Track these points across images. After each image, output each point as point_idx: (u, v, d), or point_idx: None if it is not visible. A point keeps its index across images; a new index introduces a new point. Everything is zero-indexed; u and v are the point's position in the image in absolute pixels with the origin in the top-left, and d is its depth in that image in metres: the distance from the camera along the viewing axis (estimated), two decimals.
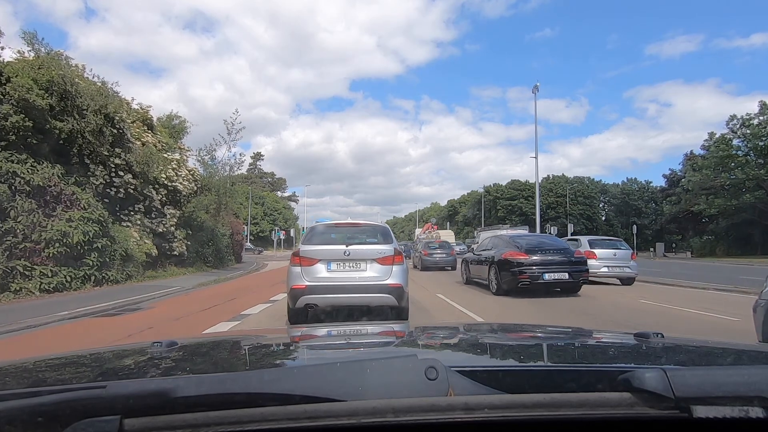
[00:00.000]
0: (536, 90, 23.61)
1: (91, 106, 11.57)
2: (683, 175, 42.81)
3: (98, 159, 12.34)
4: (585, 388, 0.68)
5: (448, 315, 6.85)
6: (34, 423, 0.59)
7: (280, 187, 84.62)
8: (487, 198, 68.82)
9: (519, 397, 0.65)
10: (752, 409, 0.62)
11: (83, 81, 12.07)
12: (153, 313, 7.40)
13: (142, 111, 15.86)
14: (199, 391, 0.62)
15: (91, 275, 10.13)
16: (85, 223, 9.98)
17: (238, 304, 8.66)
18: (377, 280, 5.28)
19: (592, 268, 11.29)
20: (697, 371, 0.78)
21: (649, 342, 1.13)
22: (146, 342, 1.14)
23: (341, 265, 5.35)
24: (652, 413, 0.63)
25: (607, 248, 11.62)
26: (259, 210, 67.90)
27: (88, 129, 11.62)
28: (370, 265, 5.34)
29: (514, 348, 1.32)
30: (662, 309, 7.79)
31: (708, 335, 4.40)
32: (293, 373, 0.81)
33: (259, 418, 0.60)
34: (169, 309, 7.91)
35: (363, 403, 0.60)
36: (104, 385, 0.65)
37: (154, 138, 15.58)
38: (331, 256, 5.36)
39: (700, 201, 32.19)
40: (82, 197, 10.39)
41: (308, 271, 5.29)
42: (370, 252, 5.42)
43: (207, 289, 11.56)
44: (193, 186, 16.22)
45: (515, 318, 6.54)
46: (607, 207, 71.05)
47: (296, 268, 5.36)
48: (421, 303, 7.98)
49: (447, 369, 0.64)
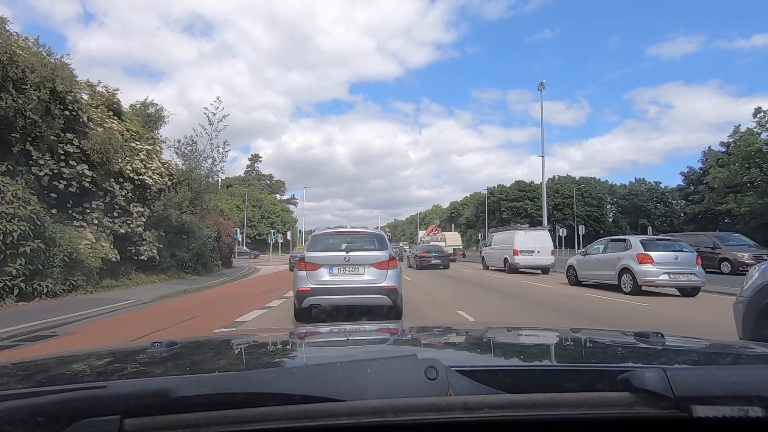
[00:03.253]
0: (542, 87, 22.98)
1: (31, 79, 9.46)
2: (704, 173, 40.51)
3: (44, 145, 10.23)
4: (585, 388, 0.67)
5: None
6: (35, 423, 0.59)
7: (278, 190, 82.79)
8: (490, 199, 66.85)
9: (519, 396, 0.65)
10: (752, 409, 0.62)
11: (25, 51, 9.97)
12: (63, 344, 5.23)
13: (107, 94, 13.76)
14: (199, 391, 0.63)
15: (15, 286, 7.96)
16: (8, 220, 7.83)
17: (195, 326, 6.53)
18: (374, 283, 5.74)
19: (647, 276, 9.17)
20: (697, 371, 0.84)
21: (648, 341, 1.12)
22: (146, 342, 1.14)
23: (342, 270, 5.80)
24: (651, 413, 0.63)
25: (666, 250, 9.40)
26: (256, 213, 65.89)
27: (29, 107, 9.51)
28: (368, 270, 5.79)
29: (513, 348, 1.34)
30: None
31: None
32: (293, 373, 0.82)
33: (259, 418, 0.60)
34: (93, 336, 5.75)
35: (363, 402, 0.60)
36: (104, 385, 0.68)
37: (121, 125, 13.45)
38: (333, 261, 5.80)
39: (728, 199, 29.96)
40: (9, 189, 8.24)
41: (312, 275, 5.75)
42: (367, 258, 5.84)
43: (168, 303, 9.39)
44: (166, 180, 14.03)
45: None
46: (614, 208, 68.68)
47: (302, 272, 5.83)
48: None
49: (447, 369, 0.65)
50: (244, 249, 47.63)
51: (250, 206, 66.10)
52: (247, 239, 57.36)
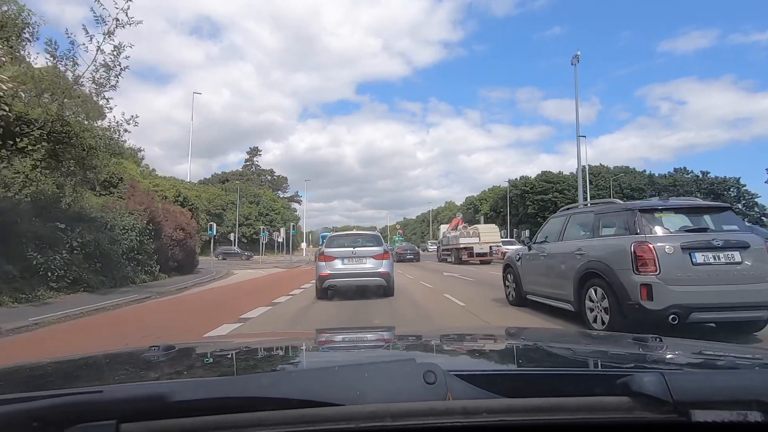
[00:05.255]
0: (576, 60, 21.54)
1: None
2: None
3: None
4: (583, 393, 0.67)
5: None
6: (30, 427, 0.59)
7: (280, 186, 77.27)
8: (512, 193, 59.87)
9: (517, 401, 0.65)
10: (751, 413, 0.62)
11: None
12: None
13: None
14: (195, 396, 0.63)
15: None
16: None
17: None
18: (373, 269, 8.12)
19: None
20: (695, 375, 0.83)
21: (647, 346, 1.12)
22: (143, 346, 1.12)
23: (350, 260, 8.17)
24: (650, 417, 0.63)
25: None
26: (253, 209, 59.77)
27: None
28: (369, 260, 8.17)
29: (512, 352, 1.32)
30: None
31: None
32: (291, 378, 0.81)
33: (257, 422, 0.60)
34: None
35: (361, 407, 0.61)
36: (101, 389, 0.68)
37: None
38: (344, 255, 8.20)
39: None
40: None
41: (330, 264, 8.14)
42: (368, 252, 8.26)
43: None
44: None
45: None
46: None
47: (322, 263, 8.21)
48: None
49: (445, 373, 0.65)
50: (235, 249, 42.46)
51: (247, 202, 59.98)
52: (243, 239, 51.77)
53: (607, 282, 4.33)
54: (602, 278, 4.41)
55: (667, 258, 3.98)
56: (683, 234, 4.23)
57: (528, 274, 6.31)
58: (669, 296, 3.88)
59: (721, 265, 3.99)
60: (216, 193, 59.40)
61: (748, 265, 3.98)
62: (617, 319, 4.17)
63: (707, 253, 4.00)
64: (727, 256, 4.00)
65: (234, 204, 54.86)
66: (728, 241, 4.07)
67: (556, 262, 5.45)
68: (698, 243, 4.07)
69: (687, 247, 4.03)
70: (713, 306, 3.90)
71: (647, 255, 3.99)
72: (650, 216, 4.36)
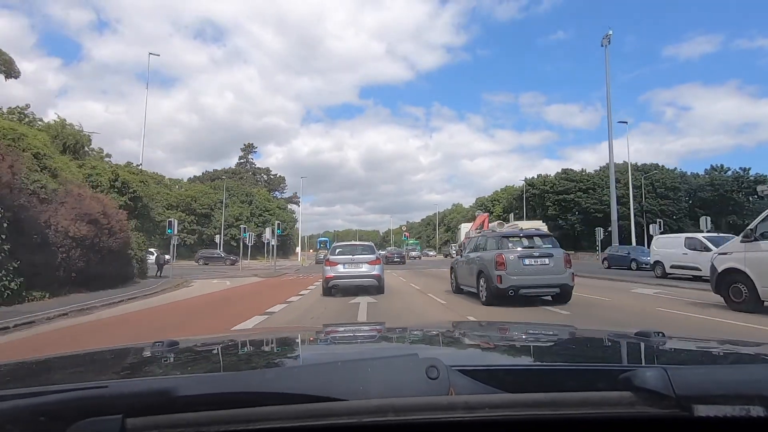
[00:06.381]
0: (607, 41, 23.72)
1: None
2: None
3: None
4: (586, 387, 0.75)
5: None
6: (36, 422, 0.66)
7: (277, 187, 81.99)
8: (529, 192, 64.06)
9: (520, 396, 0.73)
10: (753, 408, 0.69)
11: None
12: None
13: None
14: (200, 391, 0.72)
15: None
16: None
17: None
18: (368, 272, 12.30)
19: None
20: (698, 370, 0.95)
21: (650, 341, 1.27)
22: (147, 342, 1.29)
23: (350, 265, 12.35)
24: (653, 412, 0.70)
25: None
26: (244, 209, 64.15)
27: None
28: (364, 265, 12.36)
29: (514, 347, 1.51)
30: None
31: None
32: (294, 373, 0.94)
33: (261, 417, 0.67)
34: None
35: (364, 402, 0.69)
36: (106, 384, 0.80)
37: None
38: (344, 261, 12.45)
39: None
40: None
41: (333, 269, 12.34)
42: (364, 259, 12.52)
43: None
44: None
45: None
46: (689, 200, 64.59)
47: (328, 267, 12.41)
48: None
49: (448, 368, 0.73)
50: (219, 253, 45.60)
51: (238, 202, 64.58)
52: (232, 241, 55.37)
53: (486, 275, 9.37)
54: (484, 273, 9.50)
55: (510, 262, 9.10)
56: (521, 249, 9.47)
57: (460, 273, 11.81)
58: (509, 281, 9.02)
59: (538, 265, 9.12)
60: (203, 191, 63.03)
61: (552, 266, 9.11)
62: (489, 294, 9.21)
63: (531, 259, 9.17)
64: (542, 260, 9.10)
65: (221, 201, 59.12)
66: (543, 252, 9.28)
67: (469, 265, 10.86)
68: (527, 253, 9.31)
69: (521, 255, 9.25)
70: (532, 285, 9.11)
71: (500, 260, 9.08)
72: (507, 240, 9.67)
